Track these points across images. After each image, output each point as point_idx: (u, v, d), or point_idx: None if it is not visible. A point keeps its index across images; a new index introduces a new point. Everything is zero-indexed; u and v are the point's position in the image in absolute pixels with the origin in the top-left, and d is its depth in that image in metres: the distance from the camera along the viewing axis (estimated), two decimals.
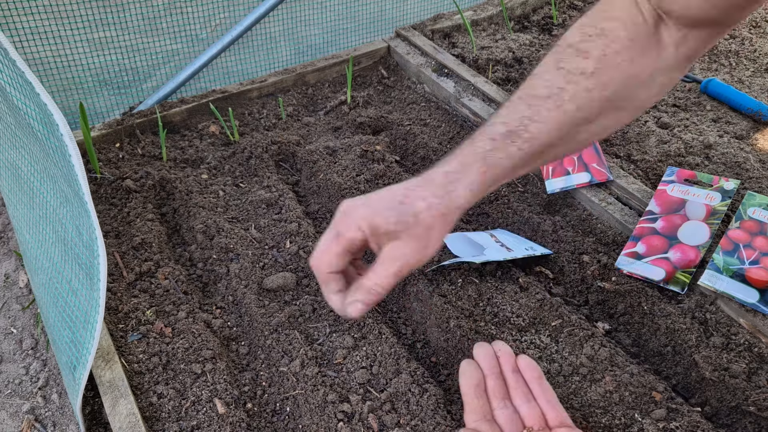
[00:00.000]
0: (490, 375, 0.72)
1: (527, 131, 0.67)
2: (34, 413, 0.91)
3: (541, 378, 0.72)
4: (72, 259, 0.75)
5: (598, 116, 0.70)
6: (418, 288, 0.91)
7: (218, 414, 0.75)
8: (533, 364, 0.73)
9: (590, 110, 0.68)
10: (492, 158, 0.66)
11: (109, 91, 1.35)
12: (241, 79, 1.45)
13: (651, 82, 0.70)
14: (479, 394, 0.70)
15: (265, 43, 1.47)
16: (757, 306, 0.86)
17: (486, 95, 1.30)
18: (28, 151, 0.84)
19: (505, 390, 0.71)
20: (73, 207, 0.73)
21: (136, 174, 1.09)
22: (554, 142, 0.68)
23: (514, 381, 0.72)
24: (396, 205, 0.65)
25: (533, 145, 0.67)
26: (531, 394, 0.71)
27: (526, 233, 1.05)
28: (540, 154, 0.69)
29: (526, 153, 0.67)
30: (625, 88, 0.69)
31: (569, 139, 0.70)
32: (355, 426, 0.74)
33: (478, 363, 0.74)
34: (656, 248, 0.95)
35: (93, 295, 0.69)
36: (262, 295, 0.91)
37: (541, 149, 0.68)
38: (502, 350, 0.75)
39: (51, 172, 0.77)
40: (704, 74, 1.47)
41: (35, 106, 0.67)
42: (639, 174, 1.16)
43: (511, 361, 0.74)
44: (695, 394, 0.82)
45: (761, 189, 1.12)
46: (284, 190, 1.09)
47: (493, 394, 0.71)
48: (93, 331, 0.68)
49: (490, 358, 0.74)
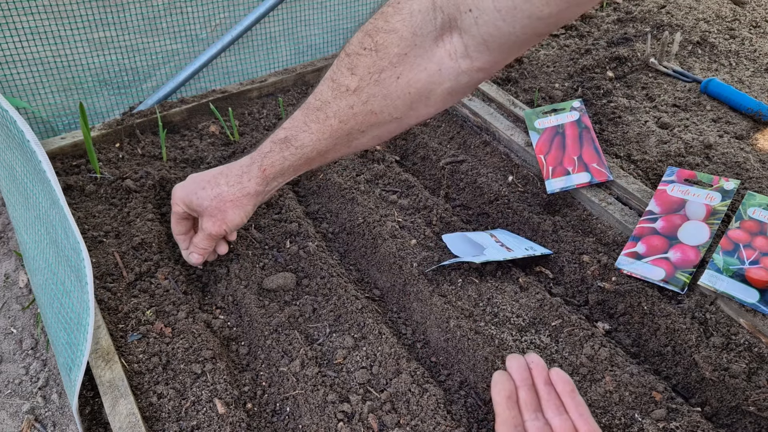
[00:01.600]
0: (523, 386, 0.71)
1: (297, 139, 0.78)
2: (34, 413, 0.91)
3: (574, 391, 0.71)
4: (63, 260, 0.75)
5: (367, 127, 0.75)
6: (418, 288, 0.91)
7: (218, 414, 0.75)
8: (566, 377, 0.72)
9: (354, 124, 0.75)
10: (269, 159, 0.80)
11: (109, 91, 1.35)
12: (241, 79, 1.45)
13: (428, 96, 0.72)
14: (511, 405, 0.69)
15: (265, 43, 1.47)
16: (757, 306, 0.86)
17: (486, 95, 1.30)
18: (21, 151, 0.84)
19: (537, 402, 0.70)
20: (59, 209, 0.72)
21: (136, 174, 1.09)
22: (325, 148, 0.78)
23: (546, 393, 0.71)
24: (199, 190, 0.83)
25: (304, 151, 0.78)
26: (563, 407, 0.70)
27: (526, 233, 1.05)
28: (315, 158, 0.80)
29: (300, 157, 0.79)
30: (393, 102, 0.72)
31: (342, 146, 0.78)
32: (355, 426, 0.74)
33: (510, 374, 0.72)
34: (656, 248, 0.95)
35: (83, 297, 0.68)
36: (262, 295, 0.91)
37: (314, 155, 0.79)
38: (535, 362, 0.74)
39: (36, 175, 0.77)
40: (704, 74, 1.47)
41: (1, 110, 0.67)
42: (639, 174, 1.16)
43: (544, 374, 0.72)
44: (695, 394, 0.82)
45: (761, 189, 1.12)
46: (284, 190, 1.09)
47: (525, 405, 0.70)
48: (85, 333, 0.68)
49: (522, 369, 0.73)
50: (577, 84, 1.44)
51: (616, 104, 1.35)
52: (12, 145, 0.84)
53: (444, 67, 0.69)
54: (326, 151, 0.79)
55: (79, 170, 1.11)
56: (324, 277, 0.93)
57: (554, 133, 1.15)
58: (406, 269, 0.94)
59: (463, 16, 0.64)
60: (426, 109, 0.74)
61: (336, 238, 1.05)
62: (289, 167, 0.80)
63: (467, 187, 1.14)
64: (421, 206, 1.08)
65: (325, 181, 1.11)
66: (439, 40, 0.68)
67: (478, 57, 0.67)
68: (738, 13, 1.72)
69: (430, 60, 0.69)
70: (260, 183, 0.82)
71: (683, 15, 1.68)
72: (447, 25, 0.66)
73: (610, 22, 1.68)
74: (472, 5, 0.62)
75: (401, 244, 0.98)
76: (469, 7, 0.63)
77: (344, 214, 1.06)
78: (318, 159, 0.80)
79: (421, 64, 0.69)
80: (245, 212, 0.84)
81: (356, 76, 0.71)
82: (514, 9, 0.59)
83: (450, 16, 0.65)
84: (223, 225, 0.84)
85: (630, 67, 1.49)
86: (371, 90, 0.71)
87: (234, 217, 0.83)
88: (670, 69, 1.47)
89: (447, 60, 0.68)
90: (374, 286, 0.97)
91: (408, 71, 0.70)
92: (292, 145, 0.78)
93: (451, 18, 0.65)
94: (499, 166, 1.18)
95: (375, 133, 0.77)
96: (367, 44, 0.70)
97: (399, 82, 0.70)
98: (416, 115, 0.75)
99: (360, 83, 0.71)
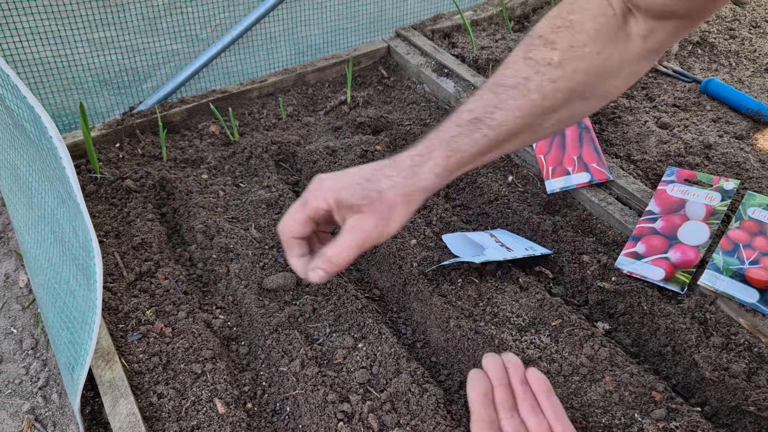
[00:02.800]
0: (499, 385, 0.71)
1: (492, 118, 0.70)
2: (34, 413, 0.91)
3: (550, 392, 0.71)
4: (69, 259, 0.75)
5: (563, 105, 0.72)
6: (418, 288, 0.91)
7: (218, 414, 0.75)
8: (542, 377, 0.72)
9: (555, 99, 0.71)
10: (456, 143, 0.69)
11: (109, 91, 1.35)
12: (241, 79, 1.45)
13: (618, 73, 0.72)
14: (487, 403, 0.69)
15: (265, 43, 1.47)
16: (757, 306, 0.86)
17: None
18: (26, 152, 0.84)
19: (512, 401, 0.70)
20: (68, 208, 0.72)
21: (136, 174, 1.09)
22: (519, 129, 0.71)
23: (522, 393, 0.70)
24: (362, 182, 0.69)
25: (498, 131, 0.70)
26: (539, 407, 0.70)
27: (526, 233, 1.05)
28: (505, 141, 0.72)
29: (491, 139, 0.70)
30: (591, 79, 0.71)
31: (535, 126, 0.72)
32: (355, 426, 0.74)
33: (486, 373, 0.72)
34: (656, 248, 0.95)
35: (90, 296, 0.68)
36: (262, 295, 0.91)
37: (506, 136, 0.71)
38: (512, 361, 0.74)
39: (47, 173, 0.77)
40: (704, 74, 1.47)
41: (26, 107, 0.67)
42: (639, 174, 1.16)
43: (520, 373, 0.72)
44: (695, 394, 0.82)
45: (761, 189, 1.12)
46: (284, 190, 1.09)
47: (500, 404, 0.70)
48: (90, 331, 0.68)
49: (499, 368, 0.73)
50: None
51: (616, 104, 1.35)
52: (17, 144, 0.84)
53: (629, 44, 0.70)
54: (518, 132, 0.72)
55: (79, 170, 1.11)
56: None
57: None
58: (406, 269, 0.94)
59: None
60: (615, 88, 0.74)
61: None
62: (476, 154, 0.71)
63: (467, 187, 1.14)
64: (421, 206, 1.08)
65: None
66: (623, 19, 0.70)
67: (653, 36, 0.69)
68: (738, 13, 1.73)
69: (618, 38, 0.70)
70: (441, 174, 0.70)
71: None
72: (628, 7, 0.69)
73: None
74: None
75: (401, 244, 0.98)
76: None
77: None
78: (504, 144, 0.73)
79: (613, 40, 0.70)
80: (412, 212, 0.71)
81: (557, 50, 0.70)
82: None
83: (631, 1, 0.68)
84: (389, 227, 0.70)
85: None
86: (575, 64, 0.70)
87: (403, 216, 0.70)
88: (670, 69, 1.47)
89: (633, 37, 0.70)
90: (374, 286, 0.97)
91: (605, 48, 0.70)
92: (485, 125, 0.70)
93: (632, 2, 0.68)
94: (499, 166, 1.18)
95: (564, 115, 0.74)
96: (559, 23, 0.70)
97: (599, 57, 0.70)
98: (605, 94, 0.75)
99: (563, 57, 0.69)
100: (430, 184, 0.70)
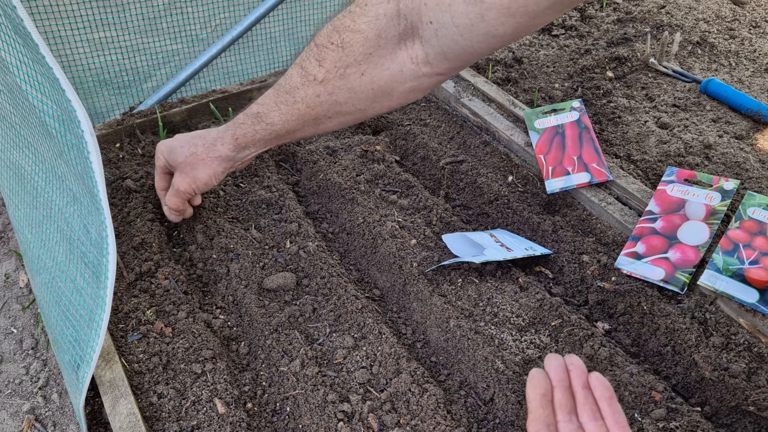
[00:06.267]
0: (559, 387, 0.69)
1: (269, 116, 0.84)
2: (35, 413, 0.91)
3: (613, 398, 0.68)
4: (78, 258, 0.75)
5: (333, 114, 0.81)
6: (418, 288, 0.91)
7: (218, 414, 0.75)
8: (606, 383, 0.69)
9: (321, 110, 0.80)
10: (242, 131, 0.87)
11: (109, 91, 1.35)
12: (241, 79, 1.45)
13: (390, 92, 0.77)
14: (545, 404, 0.67)
15: (265, 43, 1.47)
16: (757, 306, 0.86)
17: (486, 95, 1.30)
18: (33, 151, 0.84)
19: (572, 404, 0.68)
20: (81, 205, 0.73)
21: (136, 174, 1.09)
22: (295, 128, 0.84)
23: (583, 397, 0.68)
24: (178, 147, 0.91)
25: (275, 128, 0.84)
26: (599, 412, 0.67)
27: (526, 233, 1.05)
28: (287, 134, 0.86)
29: (271, 132, 0.85)
30: (357, 95, 0.78)
31: (309, 127, 0.84)
32: (355, 426, 0.74)
33: (547, 373, 0.71)
34: (656, 248, 0.95)
35: (99, 293, 0.69)
36: (262, 295, 0.91)
37: (285, 132, 0.85)
38: (575, 364, 0.71)
39: (59, 171, 0.77)
40: (704, 74, 1.47)
41: (53, 103, 0.67)
42: (639, 174, 1.16)
43: (583, 377, 0.70)
44: (695, 394, 0.82)
45: (761, 189, 1.12)
46: (284, 190, 1.09)
47: (559, 406, 0.68)
48: (98, 329, 0.68)
49: (561, 370, 0.71)
50: (577, 84, 1.44)
51: (616, 104, 1.35)
52: (22, 144, 0.84)
53: (405, 69, 0.74)
54: (295, 130, 0.85)
55: None
56: (324, 277, 0.93)
57: (554, 133, 1.15)
58: (406, 269, 0.94)
59: (425, 26, 0.69)
60: (389, 103, 0.80)
61: (336, 238, 1.06)
62: (260, 140, 0.87)
63: (467, 187, 1.14)
64: (421, 206, 1.08)
65: (325, 181, 1.11)
66: (402, 44, 0.73)
67: (437, 64, 0.72)
68: (738, 13, 1.73)
69: (393, 61, 0.74)
70: (232, 149, 0.89)
71: (683, 15, 1.68)
72: (410, 31, 0.71)
73: (610, 22, 1.68)
74: (433, 18, 0.67)
75: (401, 244, 0.98)
76: (430, 20, 0.67)
77: (344, 214, 1.06)
78: (287, 136, 0.87)
79: (384, 63, 0.74)
80: (214, 173, 0.91)
81: (323, 68, 0.76)
82: (471, 26, 0.64)
83: (413, 24, 0.70)
84: (192, 183, 0.91)
85: (630, 67, 1.49)
86: (337, 83, 0.77)
87: (203, 175, 0.90)
88: (670, 69, 1.47)
89: (408, 63, 0.74)
90: (374, 286, 0.97)
91: (372, 69, 0.75)
92: (263, 121, 0.85)
93: (414, 26, 0.70)
94: (499, 166, 1.18)
95: (340, 119, 0.83)
96: (334, 40, 0.75)
97: (363, 78, 0.76)
98: (379, 107, 0.81)
99: (326, 75, 0.76)
100: (224, 155, 0.89)
